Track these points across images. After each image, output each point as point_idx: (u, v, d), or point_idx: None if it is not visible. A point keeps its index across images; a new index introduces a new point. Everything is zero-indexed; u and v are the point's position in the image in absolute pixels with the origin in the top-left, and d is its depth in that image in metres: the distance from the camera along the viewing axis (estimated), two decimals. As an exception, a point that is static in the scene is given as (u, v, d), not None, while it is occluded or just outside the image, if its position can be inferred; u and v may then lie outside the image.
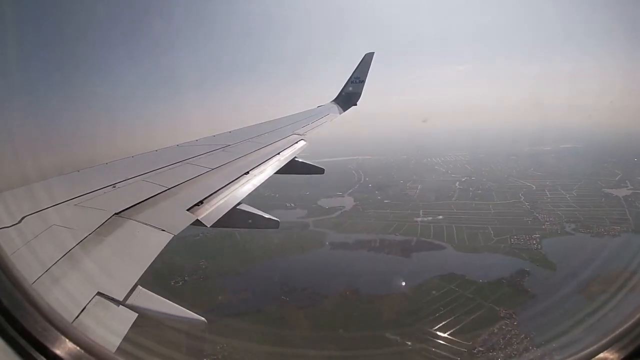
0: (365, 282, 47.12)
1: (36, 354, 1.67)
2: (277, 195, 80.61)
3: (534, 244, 54.84)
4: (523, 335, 36.31)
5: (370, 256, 56.67)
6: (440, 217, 67.44)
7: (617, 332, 1.75)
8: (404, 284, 46.42)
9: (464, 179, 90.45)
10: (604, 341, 1.75)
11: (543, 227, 60.30)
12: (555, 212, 65.50)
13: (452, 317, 39.98)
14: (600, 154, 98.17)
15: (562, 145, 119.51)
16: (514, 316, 39.32)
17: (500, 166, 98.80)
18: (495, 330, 37.48)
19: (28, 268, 2.41)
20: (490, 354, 34.78)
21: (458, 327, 38.55)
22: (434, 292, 44.66)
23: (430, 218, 67.84)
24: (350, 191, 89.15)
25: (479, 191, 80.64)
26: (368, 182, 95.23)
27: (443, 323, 39.21)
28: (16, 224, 2.94)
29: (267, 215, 5.16)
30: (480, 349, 35.71)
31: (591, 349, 1.76)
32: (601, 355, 1.72)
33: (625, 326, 1.76)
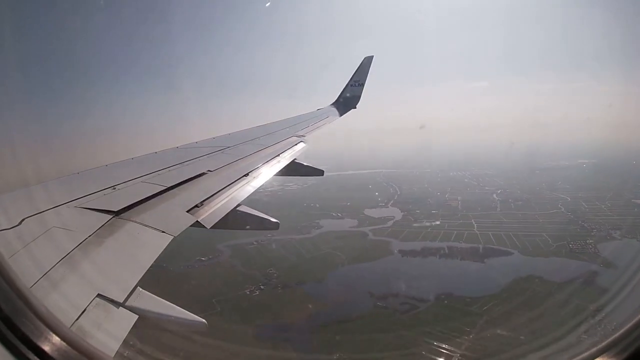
0: (452, 286, 48.54)
1: (34, 358, 1.66)
2: (317, 206, 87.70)
3: (591, 248, 57.85)
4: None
5: (444, 262, 58.52)
6: (494, 225, 71.19)
7: (615, 336, 1.75)
8: (489, 285, 48.42)
9: (499, 191, 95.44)
10: (601, 345, 1.75)
11: (592, 233, 63.62)
12: (597, 221, 69.19)
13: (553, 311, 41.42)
14: (615, 167, 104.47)
15: (579, 160, 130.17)
16: (603, 309, 40.88)
17: (528, 180, 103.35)
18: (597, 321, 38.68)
19: (28, 270, 2.41)
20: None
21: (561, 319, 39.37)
22: (525, 292, 46.01)
23: (485, 227, 70.81)
24: (391, 202, 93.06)
25: (519, 202, 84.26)
26: (405, 194, 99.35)
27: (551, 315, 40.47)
28: (16, 226, 2.93)
29: (267, 217, 5.15)
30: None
31: (588, 352, 1.76)
32: (598, 359, 1.72)
33: (623, 330, 1.75)
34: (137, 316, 2.40)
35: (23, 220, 3.02)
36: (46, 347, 1.71)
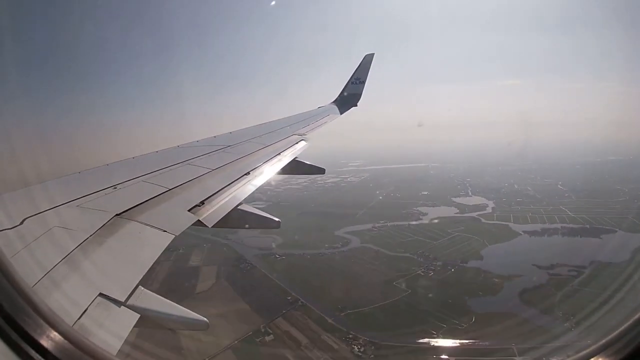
0: (596, 254, 53.95)
1: (37, 357, 1.66)
2: (399, 195, 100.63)
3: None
4: None
5: (568, 239, 64.13)
6: (580, 209, 77.19)
7: (612, 335, 1.75)
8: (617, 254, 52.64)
9: (560, 182, 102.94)
10: (599, 344, 1.75)
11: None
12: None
13: None
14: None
15: (609, 157, 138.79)
16: None
17: (576, 174, 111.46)
18: None
19: (29, 270, 2.41)
20: None
21: None
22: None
23: (574, 210, 76.66)
24: (469, 191, 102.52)
25: (586, 191, 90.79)
26: (476, 185, 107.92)
27: None
28: (17, 225, 2.93)
29: (268, 216, 5.15)
30: None
31: (586, 351, 1.76)
32: (595, 358, 1.72)
33: (621, 329, 1.75)
34: (138, 315, 2.40)
35: (24, 220, 3.03)
36: (49, 346, 1.71)
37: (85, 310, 2.20)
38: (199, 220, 3.92)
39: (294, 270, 55.56)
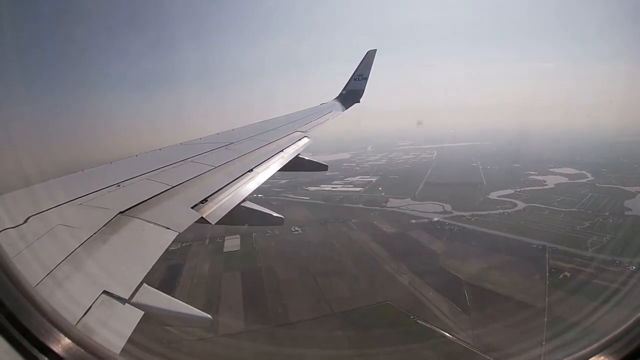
0: None
1: (40, 356, 1.66)
2: (496, 168, 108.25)
3: None
4: None
5: None
6: None
7: (614, 334, 1.74)
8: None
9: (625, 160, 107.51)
10: (599, 343, 1.74)
11: None
12: None
13: None
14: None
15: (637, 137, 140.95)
16: None
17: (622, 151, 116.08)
18: None
19: (34, 268, 2.41)
20: None
21: None
22: None
23: None
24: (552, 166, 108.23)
25: None
26: (547, 160, 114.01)
27: None
28: (21, 224, 2.94)
29: (271, 212, 5.15)
30: None
31: (587, 350, 1.74)
32: (595, 357, 1.71)
33: (622, 328, 1.74)
34: (142, 312, 2.40)
35: (28, 218, 3.03)
36: (51, 344, 1.71)
37: (89, 308, 2.20)
38: (202, 217, 3.92)
39: (507, 229, 62.61)
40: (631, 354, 1.64)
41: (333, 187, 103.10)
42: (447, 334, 36.44)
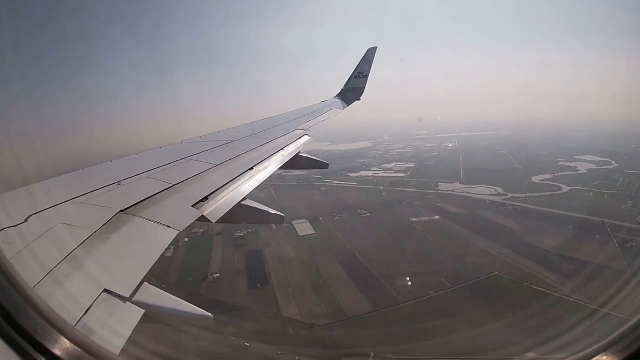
0: None
1: (37, 356, 1.66)
2: (524, 155, 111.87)
3: None
4: None
5: None
6: None
7: (616, 334, 1.74)
8: None
9: None
10: (602, 343, 1.74)
11: None
12: None
13: None
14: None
15: None
16: None
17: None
18: None
19: (34, 267, 2.41)
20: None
21: None
22: None
23: None
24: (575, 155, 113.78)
25: None
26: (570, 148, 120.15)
27: None
28: (22, 223, 2.94)
29: (271, 211, 5.13)
30: None
31: (590, 350, 1.75)
32: (599, 357, 1.71)
33: (624, 328, 1.74)
34: (143, 311, 2.40)
35: (29, 217, 3.03)
36: (49, 345, 1.70)
37: (90, 306, 2.20)
38: (202, 215, 3.91)
39: (564, 208, 67.95)
40: (634, 354, 1.64)
41: (375, 173, 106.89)
42: (563, 296, 40.08)
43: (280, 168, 6.43)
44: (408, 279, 45.11)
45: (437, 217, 67.55)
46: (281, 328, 38.60)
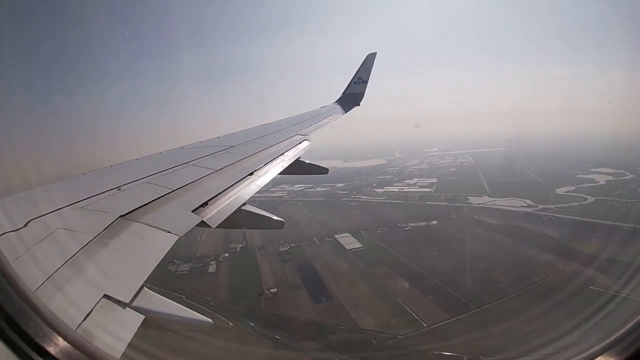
0: None
1: (38, 359, 1.65)
2: (540, 169, 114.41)
3: None
4: None
5: None
6: None
7: (617, 334, 1.74)
8: None
9: None
10: (603, 344, 1.74)
11: None
12: None
13: None
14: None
15: None
16: None
17: None
18: None
19: (34, 272, 2.40)
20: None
21: None
22: None
23: None
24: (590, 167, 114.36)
25: None
26: (583, 161, 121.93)
27: None
28: (22, 228, 2.93)
29: (272, 216, 5.14)
30: None
31: (591, 351, 1.75)
32: (600, 358, 1.71)
33: (626, 328, 1.74)
34: (143, 316, 2.39)
35: (29, 222, 3.02)
36: (50, 348, 1.70)
37: (90, 312, 2.19)
38: (202, 221, 3.91)
39: (595, 216, 69.35)
40: (635, 354, 1.63)
41: (400, 189, 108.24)
42: (619, 293, 39.75)
43: (280, 173, 6.44)
44: (472, 286, 45.88)
45: (478, 228, 69.01)
46: (364, 340, 38.43)
